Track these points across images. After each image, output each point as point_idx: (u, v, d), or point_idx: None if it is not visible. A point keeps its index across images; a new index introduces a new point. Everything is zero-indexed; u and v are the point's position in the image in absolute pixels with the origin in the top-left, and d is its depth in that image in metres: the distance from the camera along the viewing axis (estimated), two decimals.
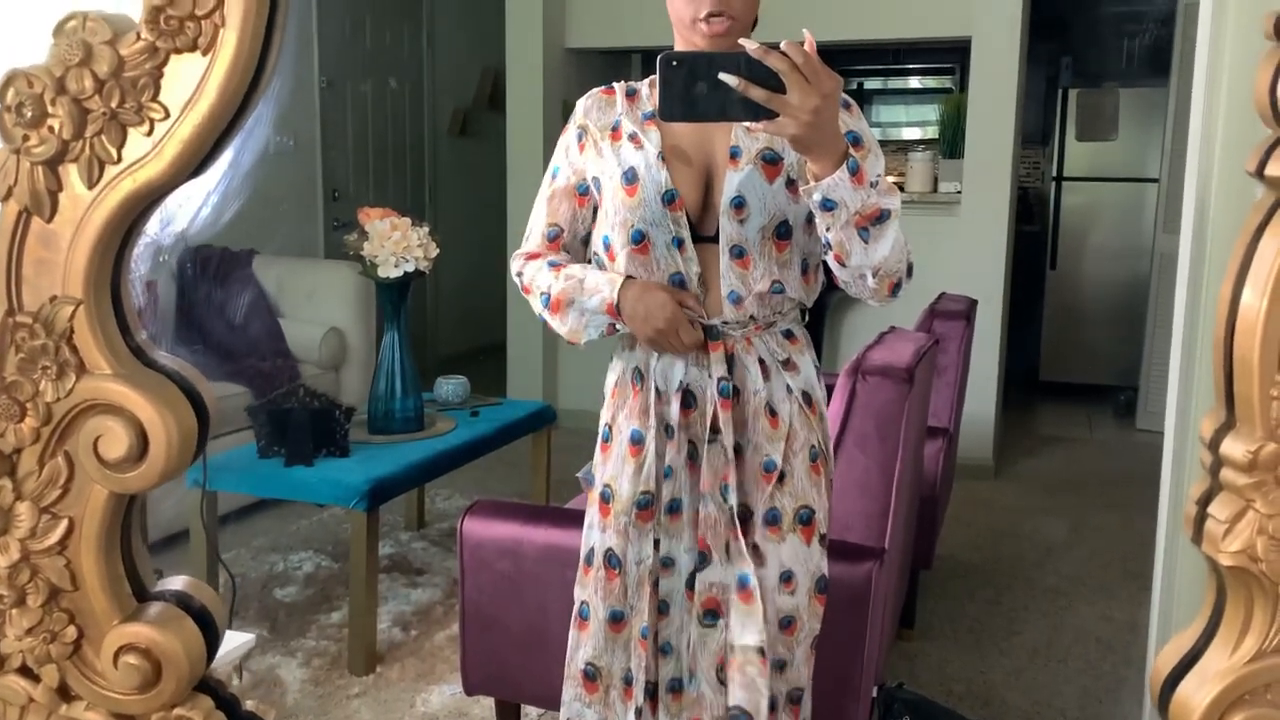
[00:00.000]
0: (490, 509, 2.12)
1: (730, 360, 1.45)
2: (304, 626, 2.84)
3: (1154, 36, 6.00)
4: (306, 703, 2.47)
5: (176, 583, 0.77)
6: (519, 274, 1.57)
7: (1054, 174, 5.72)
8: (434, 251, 2.90)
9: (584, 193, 1.53)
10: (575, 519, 2.06)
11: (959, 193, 4.35)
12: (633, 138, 1.46)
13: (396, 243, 2.83)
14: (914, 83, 7.14)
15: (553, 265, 1.51)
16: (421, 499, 3.60)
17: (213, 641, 0.76)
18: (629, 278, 1.44)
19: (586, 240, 1.57)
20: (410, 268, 2.84)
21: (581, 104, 1.54)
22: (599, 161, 1.49)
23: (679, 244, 1.43)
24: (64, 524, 0.72)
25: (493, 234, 5.04)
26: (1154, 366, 4.95)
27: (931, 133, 6.27)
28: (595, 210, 1.55)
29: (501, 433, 3.15)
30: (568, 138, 1.55)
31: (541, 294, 1.51)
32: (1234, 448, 0.69)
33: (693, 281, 1.44)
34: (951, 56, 6.25)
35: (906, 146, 5.75)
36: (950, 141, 4.55)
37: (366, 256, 2.84)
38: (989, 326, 4.22)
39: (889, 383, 1.94)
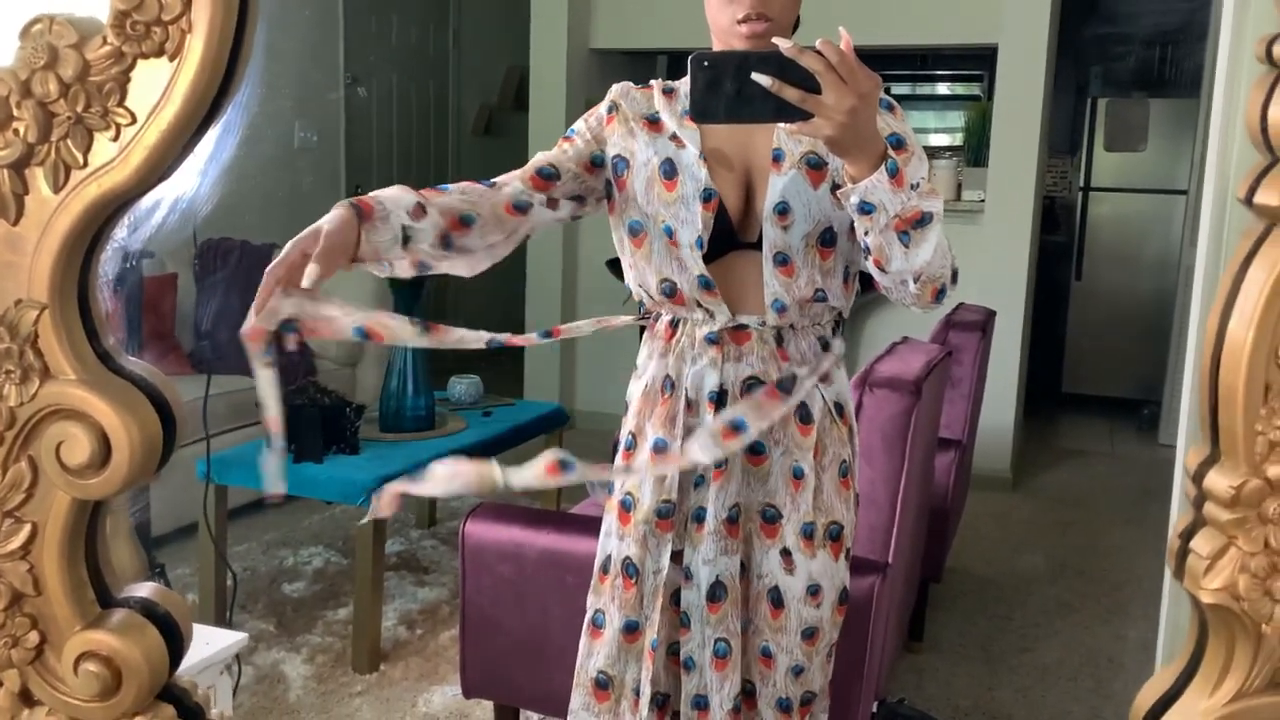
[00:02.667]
0: (492, 512, 2.11)
1: (763, 365, 1.42)
2: (310, 622, 2.85)
3: (1185, 48, 5.93)
4: (309, 699, 2.48)
5: (142, 590, 0.76)
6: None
7: (1081, 184, 5.66)
8: None
9: (597, 164, 1.45)
10: (578, 525, 2.05)
11: (982, 201, 4.31)
12: (674, 137, 1.43)
13: None
14: (941, 89, 7.09)
15: (454, 192, 1.34)
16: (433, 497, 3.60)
17: (176, 650, 0.75)
18: (355, 208, 1.24)
19: (576, 201, 1.45)
20: None
21: (617, 88, 1.49)
22: (628, 141, 1.44)
23: (700, 245, 1.40)
24: (27, 529, 0.71)
25: None
26: (1178, 381, 4.87)
27: (958, 140, 6.22)
28: (608, 190, 1.46)
29: (513, 433, 3.15)
30: (597, 109, 1.49)
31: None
32: (1217, 482, 0.67)
33: (694, 286, 1.41)
34: (979, 64, 6.20)
35: (932, 153, 5.70)
36: (975, 149, 4.52)
37: None
38: (1010, 337, 4.17)
39: (896, 395, 1.92)
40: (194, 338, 3.72)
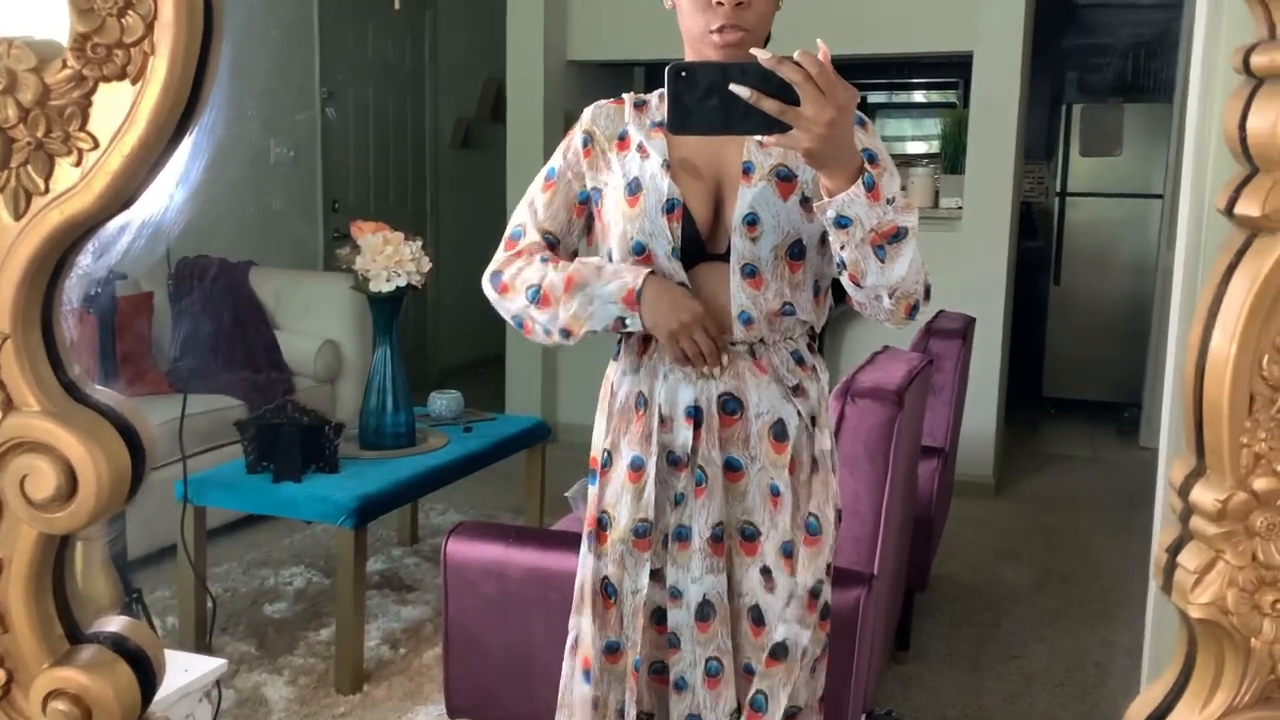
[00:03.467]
0: (475, 530, 2.09)
1: (737, 380, 1.41)
2: (292, 643, 2.82)
3: (1159, 54, 5.98)
4: None
5: (113, 624, 0.74)
6: (497, 272, 1.47)
7: (1058, 189, 5.69)
8: (426, 265, 2.89)
9: (583, 201, 1.47)
10: (560, 541, 2.04)
11: (960, 208, 4.33)
12: (639, 148, 1.42)
13: (389, 257, 2.81)
14: (918, 97, 7.13)
15: (547, 260, 1.43)
16: (415, 514, 3.58)
17: (148, 686, 0.73)
18: (653, 271, 1.37)
19: (573, 257, 1.52)
20: (402, 282, 2.83)
21: (589, 112, 1.48)
22: (603, 172, 1.45)
23: (676, 255, 1.39)
24: None
25: (494, 245, 4.99)
26: (1157, 384, 4.91)
27: (935, 147, 6.25)
28: (589, 224, 1.50)
29: (494, 449, 3.13)
30: (572, 141, 1.48)
31: (530, 287, 1.41)
32: (1203, 496, 0.67)
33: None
34: (955, 71, 6.24)
35: (910, 161, 5.73)
36: (952, 157, 4.53)
37: (359, 271, 2.83)
38: (990, 343, 4.19)
39: (878, 405, 1.92)
40: (171, 357, 3.68)
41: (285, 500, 2.62)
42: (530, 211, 1.49)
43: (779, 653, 1.44)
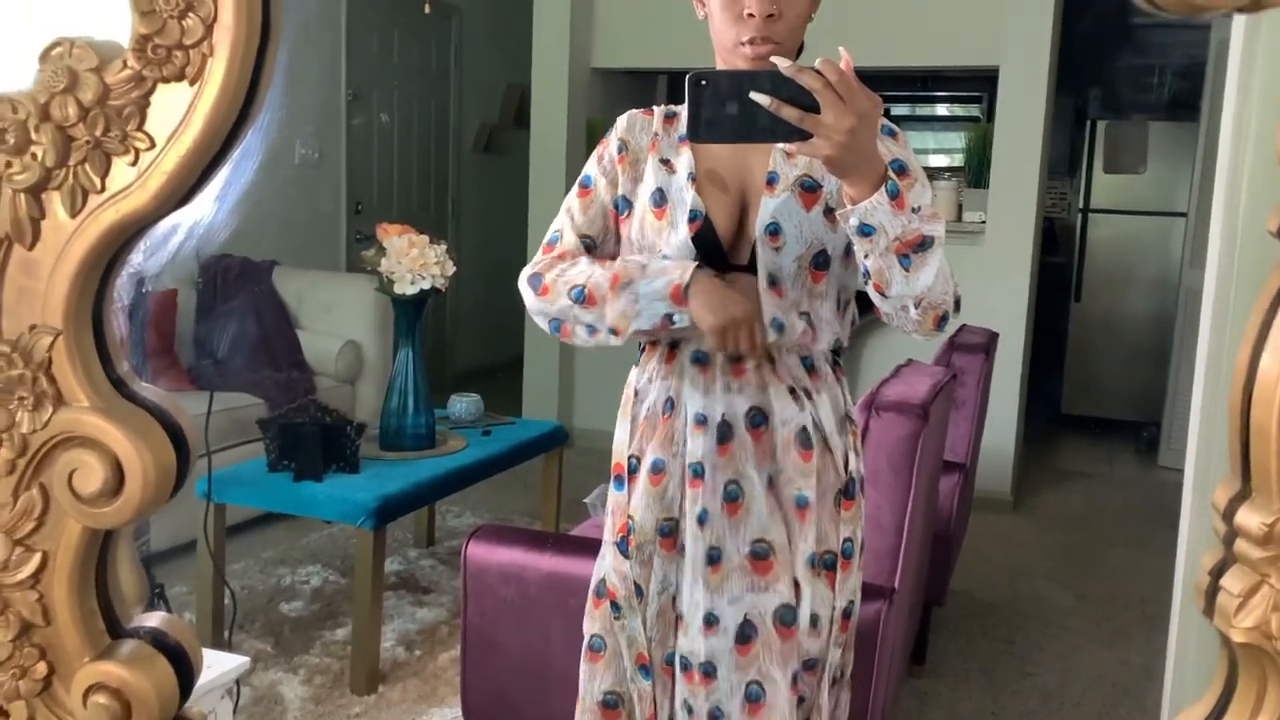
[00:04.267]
0: (494, 534, 2.10)
1: (761, 393, 1.40)
2: (308, 642, 2.83)
3: (1185, 71, 5.95)
4: None
5: (152, 619, 0.75)
6: (537, 274, 1.43)
7: (1081, 205, 5.67)
8: (450, 269, 2.90)
9: (619, 209, 1.46)
10: (580, 547, 2.04)
11: (983, 222, 4.32)
12: (665, 161, 1.43)
13: (414, 260, 2.83)
14: (941, 110, 7.11)
15: (592, 261, 1.42)
16: (432, 516, 3.59)
17: (186, 681, 0.74)
18: (700, 265, 1.35)
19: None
20: (426, 285, 2.84)
21: (623, 120, 1.48)
22: (634, 182, 1.45)
23: (696, 260, 1.39)
24: (37, 558, 0.70)
25: (514, 250, 5.03)
26: (1178, 403, 4.89)
27: (958, 161, 6.24)
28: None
29: (513, 453, 3.14)
30: (608, 149, 1.47)
31: (574, 287, 1.38)
32: (1249, 519, 0.66)
33: None
34: (979, 85, 6.23)
35: (932, 174, 5.72)
36: (975, 171, 4.52)
37: (383, 273, 2.84)
38: (1011, 359, 4.17)
39: (903, 419, 1.91)
40: (195, 354, 3.70)
41: (306, 499, 2.63)
42: (567, 217, 1.48)
43: (811, 666, 1.44)
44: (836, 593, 1.44)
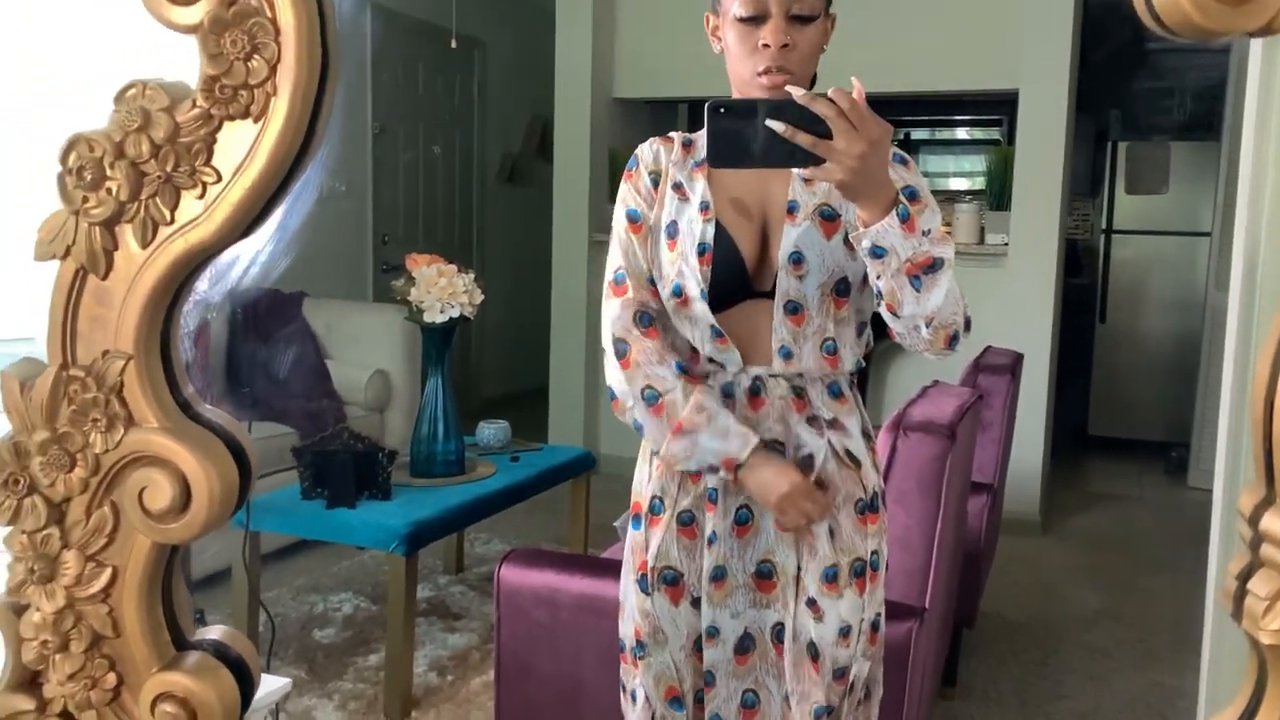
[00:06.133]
0: (526, 557, 2.12)
1: (781, 425, 1.43)
2: (341, 669, 2.85)
3: (1205, 91, 5.96)
4: None
5: (214, 632, 0.78)
6: (624, 342, 1.46)
7: (1104, 226, 5.67)
8: (479, 298, 2.94)
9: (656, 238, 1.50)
10: (611, 569, 2.06)
11: (1006, 245, 4.33)
12: (677, 188, 1.46)
13: (442, 289, 2.87)
14: (961, 134, 7.14)
15: (682, 370, 1.42)
16: (461, 543, 3.62)
17: (247, 692, 0.77)
18: (762, 444, 1.39)
19: None
20: (455, 313, 2.88)
21: (648, 150, 1.51)
22: (659, 209, 1.48)
23: (704, 297, 1.42)
24: (108, 572, 0.74)
25: (538, 279, 5.09)
26: (1206, 423, 4.86)
27: (979, 184, 6.26)
28: None
29: (541, 478, 3.17)
30: (641, 181, 1.49)
31: (649, 389, 1.42)
32: (1274, 523, 0.68)
33: (707, 338, 1.44)
34: (999, 108, 6.25)
35: (954, 197, 5.74)
36: (997, 194, 4.54)
37: (413, 302, 2.89)
38: (1036, 380, 4.17)
39: (930, 439, 1.93)
40: (227, 385, 3.76)
41: (340, 526, 2.67)
42: (627, 256, 1.49)
43: (840, 674, 1.45)
44: (865, 602, 1.46)
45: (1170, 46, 5.76)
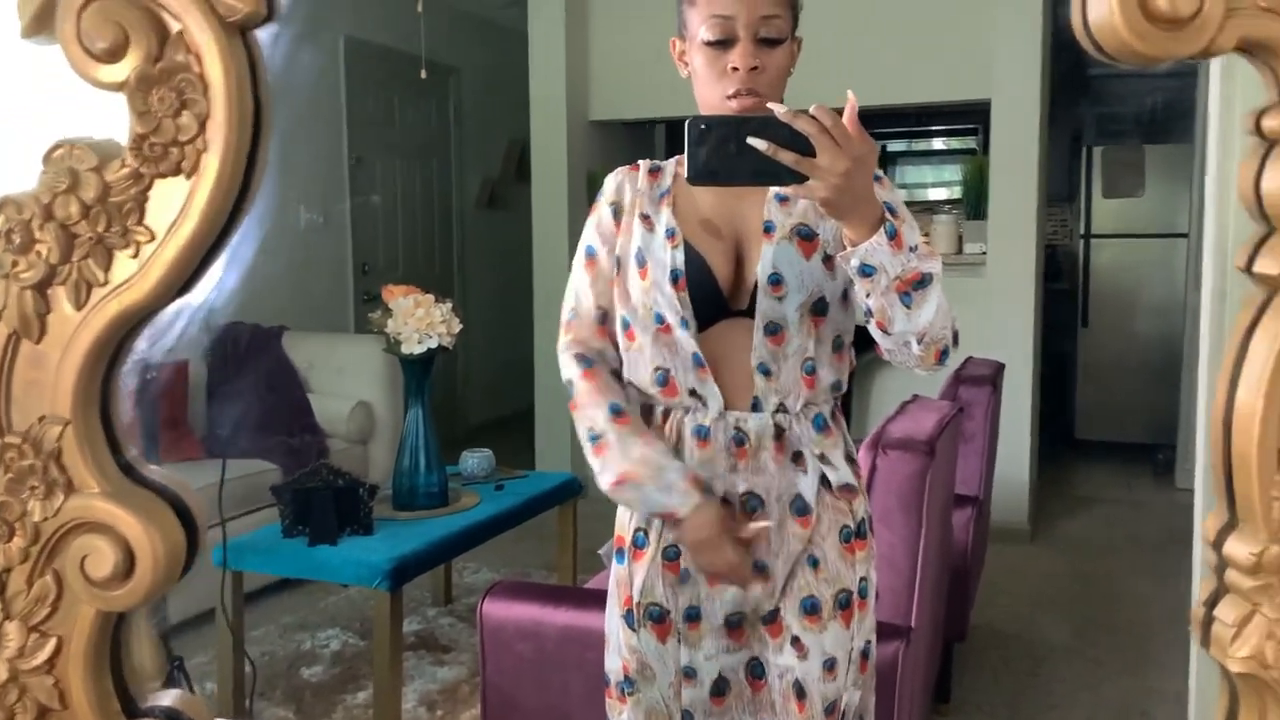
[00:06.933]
0: (510, 590, 2.10)
1: (758, 475, 1.41)
2: (330, 707, 2.82)
3: (1177, 93, 6.00)
4: None
5: (166, 698, 0.76)
6: (570, 381, 1.48)
7: (1082, 231, 5.69)
8: (457, 327, 2.93)
9: (619, 272, 1.48)
10: (596, 600, 2.04)
11: (984, 253, 4.34)
12: (644, 218, 1.45)
13: (420, 320, 2.86)
14: (937, 144, 7.17)
15: (615, 412, 1.42)
16: (449, 574, 3.59)
17: None
18: (707, 501, 1.37)
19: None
20: (433, 344, 2.86)
21: (612, 181, 1.50)
22: (626, 240, 1.46)
23: (685, 325, 1.41)
24: (52, 642, 0.72)
25: (521, 302, 5.08)
26: (1191, 424, 4.86)
27: (956, 193, 6.28)
28: None
29: (526, 506, 3.14)
30: (601, 215, 1.49)
31: (592, 431, 1.43)
32: (1237, 549, 0.67)
33: (688, 368, 1.42)
34: (974, 118, 6.27)
35: (931, 208, 5.76)
36: (974, 203, 4.56)
37: (390, 333, 2.87)
38: (1020, 387, 4.17)
39: (910, 456, 1.92)
40: (207, 423, 3.73)
41: (321, 563, 2.64)
42: (578, 294, 1.50)
43: (830, 710, 1.43)
44: (854, 633, 1.44)
45: None
